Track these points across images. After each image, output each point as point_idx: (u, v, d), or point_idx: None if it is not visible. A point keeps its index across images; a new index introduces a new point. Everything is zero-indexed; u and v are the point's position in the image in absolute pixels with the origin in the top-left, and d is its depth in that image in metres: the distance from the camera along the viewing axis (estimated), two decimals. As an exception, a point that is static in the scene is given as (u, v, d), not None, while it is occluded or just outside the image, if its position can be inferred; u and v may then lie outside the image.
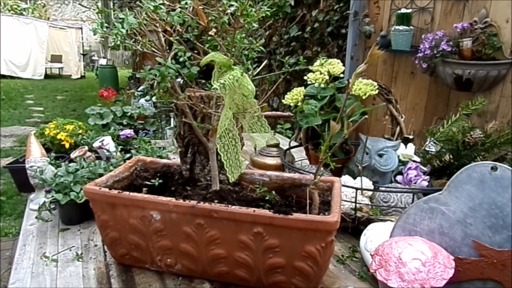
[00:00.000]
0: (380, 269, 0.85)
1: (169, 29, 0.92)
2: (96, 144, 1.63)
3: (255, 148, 1.68)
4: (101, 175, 1.21)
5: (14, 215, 3.30)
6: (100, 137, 1.72)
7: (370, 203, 1.22)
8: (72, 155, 1.48)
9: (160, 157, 1.52)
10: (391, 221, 1.08)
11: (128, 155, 1.55)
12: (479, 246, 0.86)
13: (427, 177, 1.27)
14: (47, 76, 12.01)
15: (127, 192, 0.95)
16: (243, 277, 0.94)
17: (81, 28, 13.52)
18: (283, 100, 1.50)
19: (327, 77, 1.43)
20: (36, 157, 1.34)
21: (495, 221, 0.84)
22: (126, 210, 0.95)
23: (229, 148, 0.95)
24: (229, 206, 0.88)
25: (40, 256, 1.09)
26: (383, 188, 1.23)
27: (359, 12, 3.15)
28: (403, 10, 2.69)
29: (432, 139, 1.40)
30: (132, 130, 1.94)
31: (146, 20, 0.91)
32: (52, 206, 1.23)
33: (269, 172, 1.13)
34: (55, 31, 12.38)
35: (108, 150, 1.58)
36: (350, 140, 1.53)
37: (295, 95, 1.48)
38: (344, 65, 1.51)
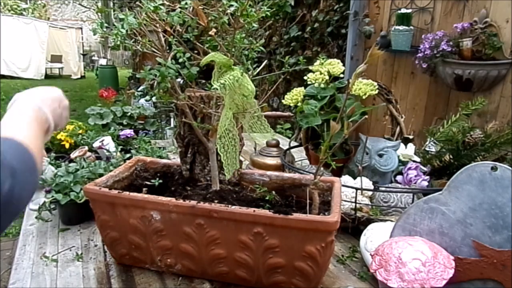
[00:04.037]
0: (380, 269, 0.85)
1: (169, 29, 0.92)
2: (96, 144, 1.63)
3: (255, 148, 1.68)
4: (101, 175, 1.21)
5: (14, 215, 3.30)
6: (100, 137, 1.72)
7: (370, 203, 1.22)
8: (72, 155, 1.48)
9: (160, 157, 1.52)
10: (391, 221, 1.08)
11: (128, 155, 1.55)
12: (479, 246, 0.86)
13: (427, 177, 1.27)
14: (47, 76, 11.99)
15: (127, 192, 0.95)
16: (243, 277, 0.94)
17: (81, 28, 13.51)
18: (283, 100, 1.50)
19: (327, 77, 1.43)
20: (36, 157, 1.33)
21: (495, 221, 0.84)
22: (126, 210, 0.95)
23: (228, 148, 0.95)
24: (229, 206, 0.88)
25: (40, 256, 1.09)
26: (383, 188, 1.23)
27: (359, 12, 3.14)
28: (403, 10, 2.68)
29: (432, 139, 1.40)
30: (132, 130, 1.95)
31: (146, 20, 0.91)
32: (52, 206, 1.23)
33: (269, 172, 1.13)
34: (55, 31, 12.36)
35: (108, 150, 1.58)
36: (350, 140, 1.53)
37: (295, 95, 1.47)
38: (344, 65, 1.51)
